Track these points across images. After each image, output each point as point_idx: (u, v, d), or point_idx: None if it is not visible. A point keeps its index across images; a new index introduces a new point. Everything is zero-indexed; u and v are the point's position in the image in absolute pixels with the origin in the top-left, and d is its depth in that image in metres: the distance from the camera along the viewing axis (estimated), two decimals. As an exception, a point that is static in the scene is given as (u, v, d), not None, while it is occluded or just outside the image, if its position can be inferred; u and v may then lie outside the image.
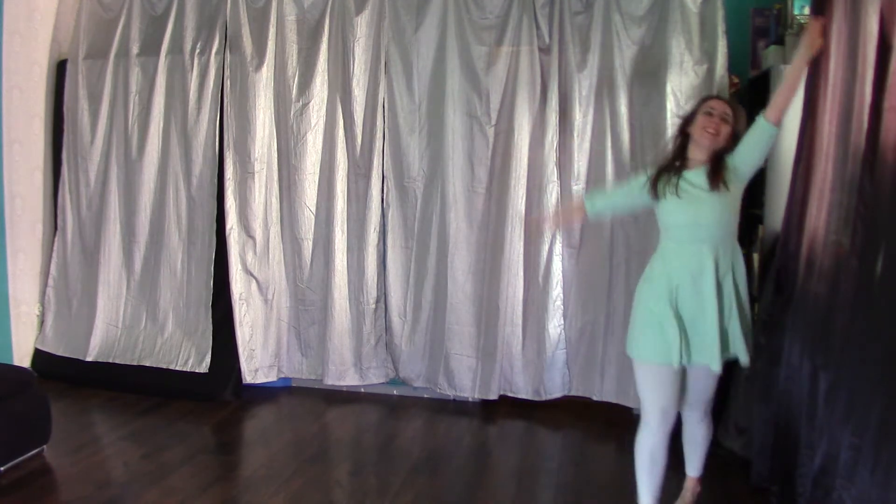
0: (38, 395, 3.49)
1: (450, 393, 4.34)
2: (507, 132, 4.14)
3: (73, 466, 3.40)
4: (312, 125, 4.38)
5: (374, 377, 4.46)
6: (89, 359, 4.57)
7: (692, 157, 2.69)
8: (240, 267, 4.42)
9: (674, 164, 2.71)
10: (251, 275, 4.45)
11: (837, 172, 2.74)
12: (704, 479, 2.94)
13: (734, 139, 2.65)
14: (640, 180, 2.79)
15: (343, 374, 4.44)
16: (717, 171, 2.59)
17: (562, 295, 4.19)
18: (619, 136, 4.01)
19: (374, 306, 4.41)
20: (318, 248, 4.44)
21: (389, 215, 4.36)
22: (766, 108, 2.62)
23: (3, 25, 4.30)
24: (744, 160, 2.62)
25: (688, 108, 3.82)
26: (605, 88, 4.03)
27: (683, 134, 2.73)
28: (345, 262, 4.40)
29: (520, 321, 4.23)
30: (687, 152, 2.71)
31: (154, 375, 4.44)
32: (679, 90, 3.84)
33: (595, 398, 4.17)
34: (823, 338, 2.66)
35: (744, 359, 2.64)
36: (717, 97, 2.95)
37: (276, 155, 4.45)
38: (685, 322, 2.59)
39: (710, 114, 2.65)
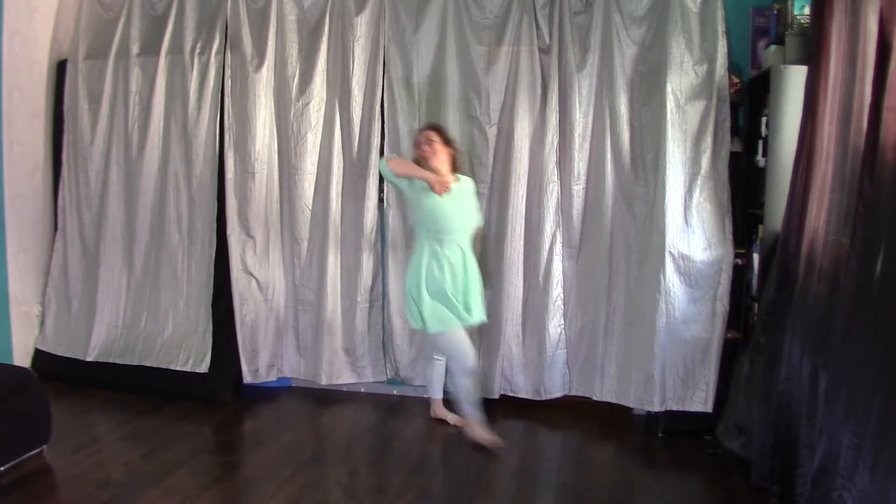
0: (38, 395, 3.49)
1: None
2: (507, 132, 4.15)
3: (73, 466, 3.39)
4: (312, 125, 4.38)
5: (371, 376, 4.46)
6: (89, 359, 4.56)
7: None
8: (240, 267, 4.42)
9: None
10: (251, 275, 4.45)
11: (837, 172, 2.75)
12: (705, 478, 2.94)
13: None
14: None
15: (340, 373, 4.43)
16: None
17: (562, 295, 4.19)
18: (619, 136, 4.01)
19: (372, 306, 4.41)
20: (318, 248, 4.44)
21: (389, 215, 4.36)
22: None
23: (3, 25, 4.29)
24: None
25: (688, 108, 3.88)
26: (605, 88, 4.03)
27: None
28: (345, 262, 4.40)
29: (520, 321, 4.23)
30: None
31: (154, 375, 4.43)
32: (679, 90, 3.84)
33: (595, 398, 4.17)
34: (823, 338, 2.66)
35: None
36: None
37: (276, 155, 4.45)
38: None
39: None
